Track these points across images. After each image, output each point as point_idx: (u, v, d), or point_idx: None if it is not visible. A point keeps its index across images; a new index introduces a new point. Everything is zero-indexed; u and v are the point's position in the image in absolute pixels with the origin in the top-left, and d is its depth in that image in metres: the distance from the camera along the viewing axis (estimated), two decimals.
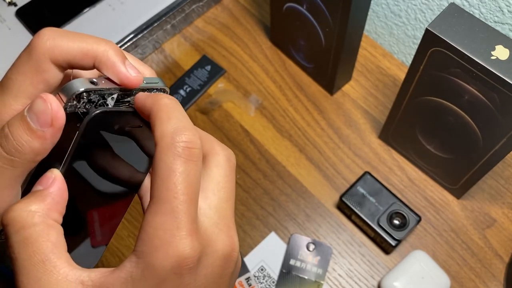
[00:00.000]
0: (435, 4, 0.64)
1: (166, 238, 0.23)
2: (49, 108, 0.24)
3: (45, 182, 0.26)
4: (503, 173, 0.64)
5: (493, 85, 0.44)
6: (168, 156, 0.24)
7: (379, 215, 0.59)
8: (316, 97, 0.71)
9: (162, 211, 0.24)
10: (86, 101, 0.25)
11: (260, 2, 0.79)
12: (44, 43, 0.26)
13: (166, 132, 0.24)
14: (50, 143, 0.24)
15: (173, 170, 0.24)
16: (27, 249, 0.24)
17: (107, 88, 0.26)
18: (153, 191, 0.24)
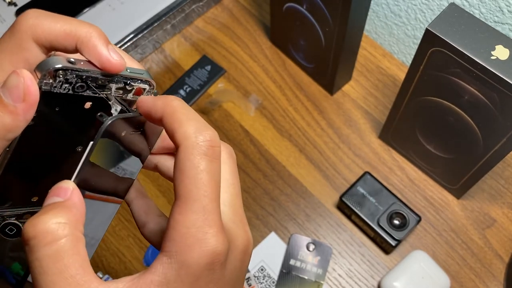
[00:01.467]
0: (435, 4, 0.64)
1: (199, 236, 0.24)
2: (22, 82, 0.23)
3: (63, 194, 0.25)
4: (503, 173, 0.64)
5: (493, 85, 0.44)
6: (195, 156, 0.24)
7: (379, 215, 0.59)
8: (316, 97, 0.71)
9: (193, 209, 0.24)
10: (62, 81, 0.24)
11: (260, 2, 0.79)
12: (27, 21, 0.26)
13: (188, 132, 0.25)
14: (22, 119, 0.23)
15: (201, 169, 0.24)
16: (58, 264, 0.23)
17: (85, 69, 0.25)
18: (180, 190, 0.24)
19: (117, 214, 0.64)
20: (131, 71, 0.28)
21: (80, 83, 0.25)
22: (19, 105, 0.23)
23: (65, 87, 0.25)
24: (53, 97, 0.25)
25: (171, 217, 0.25)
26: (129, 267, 0.61)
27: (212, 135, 0.25)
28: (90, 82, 0.26)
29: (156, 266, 0.24)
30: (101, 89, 0.26)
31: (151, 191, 0.65)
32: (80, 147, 0.29)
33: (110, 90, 0.27)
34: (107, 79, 0.26)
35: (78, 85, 0.25)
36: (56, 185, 0.26)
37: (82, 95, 0.26)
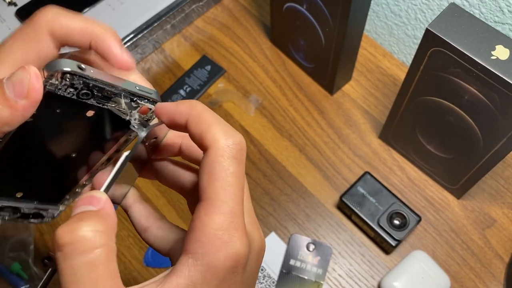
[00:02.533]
0: (435, 4, 0.64)
1: (225, 239, 0.24)
2: (28, 78, 0.23)
3: (96, 203, 0.25)
4: (503, 173, 0.64)
5: (493, 85, 0.44)
6: (225, 159, 0.25)
7: (379, 215, 0.59)
8: (316, 97, 0.71)
9: (221, 211, 0.24)
10: (68, 84, 0.24)
11: (260, 2, 0.79)
12: (46, 15, 0.26)
13: (218, 135, 0.25)
14: (20, 115, 0.23)
15: (230, 172, 0.25)
16: (92, 274, 0.22)
17: (93, 78, 0.24)
18: (208, 191, 0.24)
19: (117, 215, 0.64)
20: (140, 88, 0.27)
21: (86, 91, 0.25)
22: (20, 101, 0.23)
23: (69, 91, 0.25)
24: (56, 99, 0.24)
25: (197, 218, 0.25)
26: (129, 267, 0.61)
27: (240, 139, 0.25)
28: (96, 92, 0.25)
29: (181, 268, 0.24)
30: (105, 100, 0.26)
31: (151, 191, 0.65)
32: (75, 154, 0.29)
33: (115, 103, 0.27)
34: (113, 92, 0.26)
35: (83, 92, 0.25)
36: (88, 193, 0.26)
37: (85, 103, 0.26)
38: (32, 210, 0.30)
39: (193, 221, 0.25)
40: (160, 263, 0.61)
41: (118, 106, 0.27)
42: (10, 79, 0.23)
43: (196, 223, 0.24)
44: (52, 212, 0.32)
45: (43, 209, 0.31)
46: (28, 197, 0.30)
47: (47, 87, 0.23)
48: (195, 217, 0.25)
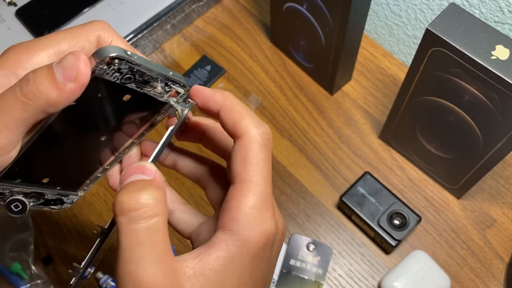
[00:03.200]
0: (435, 4, 0.64)
1: (258, 217, 0.27)
2: (78, 64, 0.24)
3: (148, 173, 0.27)
4: (503, 173, 0.64)
5: (493, 85, 0.44)
6: (257, 146, 0.28)
7: (379, 215, 0.59)
8: (316, 97, 0.71)
9: (255, 193, 0.27)
10: (116, 69, 0.26)
11: (260, 2, 0.79)
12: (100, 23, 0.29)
13: (250, 125, 0.28)
14: (67, 98, 0.24)
15: (262, 157, 0.28)
16: (153, 238, 0.25)
17: (138, 63, 0.26)
18: (243, 175, 0.27)
19: None
20: (173, 73, 0.29)
21: (129, 75, 0.27)
22: (68, 84, 0.24)
23: (115, 76, 0.26)
24: (101, 83, 0.26)
25: (232, 199, 0.27)
26: None
27: (269, 129, 0.29)
28: (137, 76, 0.27)
29: (219, 243, 0.26)
30: (143, 84, 0.28)
31: None
32: (104, 137, 0.31)
33: (151, 87, 0.29)
34: (152, 77, 0.28)
35: (126, 77, 0.27)
36: (139, 164, 0.28)
37: (125, 87, 0.28)
38: (55, 196, 0.32)
39: (227, 201, 0.28)
40: None
41: (153, 90, 0.29)
42: (60, 63, 0.24)
43: (231, 203, 0.27)
44: (72, 198, 0.33)
45: (64, 195, 0.32)
46: (53, 182, 0.31)
47: (96, 72, 0.25)
48: (229, 198, 0.27)
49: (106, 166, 0.34)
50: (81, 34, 0.28)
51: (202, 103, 0.30)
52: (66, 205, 0.33)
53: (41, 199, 0.31)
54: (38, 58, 0.27)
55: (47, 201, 0.32)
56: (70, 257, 0.62)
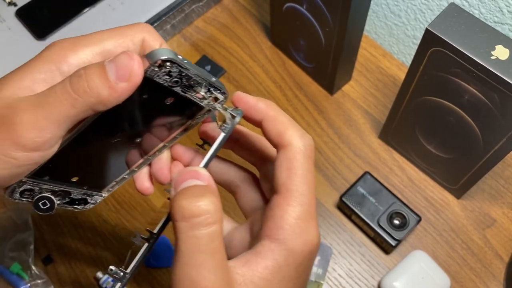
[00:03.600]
0: (435, 4, 0.64)
1: (303, 227, 0.27)
2: (132, 64, 0.24)
3: (202, 178, 0.27)
4: (503, 173, 0.64)
5: (493, 85, 0.44)
6: (302, 156, 0.28)
7: (379, 215, 0.59)
8: (316, 97, 0.71)
9: (299, 202, 0.27)
10: (166, 72, 0.26)
11: (260, 2, 0.79)
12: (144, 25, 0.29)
13: (295, 136, 0.29)
14: (117, 97, 0.24)
15: (307, 168, 0.28)
16: (212, 245, 0.25)
17: (187, 67, 0.27)
18: (289, 185, 0.28)
19: (117, 215, 0.64)
20: (216, 80, 0.30)
21: (177, 79, 0.27)
22: (120, 83, 0.24)
23: (164, 79, 0.27)
24: (148, 85, 0.26)
25: (278, 208, 0.28)
26: None
27: (312, 140, 0.29)
28: (184, 80, 0.28)
29: (265, 252, 0.27)
30: (187, 89, 0.29)
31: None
32: (138, 138, 0.31)
33: (194, 92, 0.29)
34: (197, 82, 0.28)
35: (174, 80, 0.27)
36: (191, 168, 0.28)
37: (171, 90, 0.28)
38: (80, 195, 0.32)
39: (272, 210, 0.28)
40: (160, 263, 0.61)
41: (196, 95, 0.29)
42: (113, 62, 0.24)
43: (277, 212, 0.28)
44: (96, 198, 0.33)
45: (90, 195, 0.32)
46: (81, 182, 0.31)
47: (147, 73, 0.26)
48: (274, 207, 0.28)
49: (134, 168, 0.33)
50: (126, 34, 0.28)
51: (245, 111, 0.30)
52: (89, 205, 0.33)
53: (67, 198, 0.31)
54: (83, 55, 0.27)
55: (72, 200, 0.32)
56: (70, 257, 0.62)
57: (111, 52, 0.27)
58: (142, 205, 0.65)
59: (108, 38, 0.28)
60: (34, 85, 0.25)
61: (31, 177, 0.27)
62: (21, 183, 0.27)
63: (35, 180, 0.28)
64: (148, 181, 0.34)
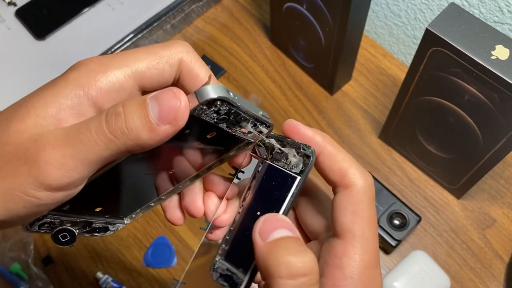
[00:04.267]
0: (435, 4, 0.64)
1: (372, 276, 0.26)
2: (178, 105, 0.22)
3: (291, 228, 0.25)
4: (503, 173, 0.64)
5: (493, 85, 0.44)
6: (367, 199, 0.27)
7: (379, 215, 0.59)
8: (316, 97, 0.71)
9: (367, 250, 0.26)
10: (215, 110, 0.24)
11: (260, 2, 0.79)
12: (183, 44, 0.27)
13: (358, 175, 0.27)
14: (158, 140, 0.22)
15: (372, 211, 0.27)
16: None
17: (238, 106, 0.24)
18: (354, 230, 0.26)
19: None
20: (263, 114, 0.28)
21: (225, 116, 0.25)
22: (163, 126, 0.22)
23: (212, 117, 0.24)
24: (194, 122, 0.24)
25: (345, 256, 0.26)
26: (129, 267, 0.61)
27: (372, 179, 0.28)
28: (231, 117, 0.25)
29: None
30: (233, 125, 0.26)
31: None
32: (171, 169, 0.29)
33: (240, 127, 0.27)
34: (245, 118, 0.26)
35: (221, 117, 0.25)
36: (278, 216, 0.26)
37: (217, 126, 0.25)
38: (102, 224, 0.30)
39: (338, 258, 0.26)
40: (160, 263, 0.61)
41: (241, 130, 0.27)
42: (156, 99, 0.22)
43: (344, 260, 0.26)
44: (117, 226, 0.31)
45: (112, 223, 0.30)
46: (105, 211, 0.29)
47: (195, 112, 0.23)
48: (341, 254, 0.26)
49: (162, 196, 0.31)
50: (162, 55, 0.25)
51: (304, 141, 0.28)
52: (110, 232, 0.31)
53: (88, 227, 0.29)
54: (114, 78, 0.24)
55: (93, 229, 0.29)
56: (70, 257, 0.62)
57: (144, 75, 0.25)
58: None
59: (141, 58, 0.25)
60: (60, 112, 0.23)
61: (53, 211, 0.25)
62: (42, 217, 0.25)
63: (57, 213, 0.26)
64: (179, 211, 0.32)
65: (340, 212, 0.27)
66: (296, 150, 0.28)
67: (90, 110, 0.24)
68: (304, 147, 0.28)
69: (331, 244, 0.27)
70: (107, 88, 0.24)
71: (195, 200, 0.31)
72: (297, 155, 0.28)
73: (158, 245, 0.62)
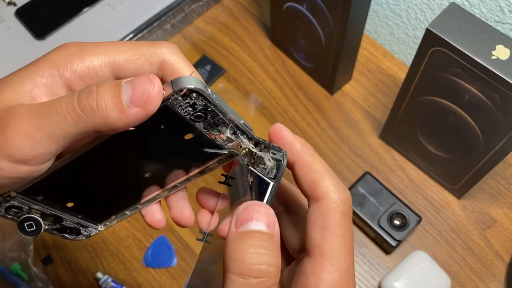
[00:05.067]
0: (436, 3, 0.64)
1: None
2: (150, 90, 0.22)
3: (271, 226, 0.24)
4: (503, 173, 0.64)
5: (494, 85, 0.44)
6: (339, 213, 0.24)
7: (379, 215, 0.59)
8: (316, 97, 0.71)
9: (337, 269, 0.24)
10: (190, 103, 0.23)
11: (260, 2, 0.79)
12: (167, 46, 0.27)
13: (332, 187, 0.25)
14: (127, 122, 0.22)
15: (345, 227, 0.24)
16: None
17: (214, 102, 0.24)
18: (323, 247, 0.24)
19: None
20: (244, 123, 0.27)
21: (201, 113, 0.24)
22: (133, 108, 0.22)
23: (187, 111, 0.24)
24: (167, 115, 0.24)
25: (312, 275, 0.24)
26: (129, 267, 0.61)
27: (349, 194, 0.25)
28: (209, 116, 0.25)
29: None
30: (211, 127, 0.25)
31: None
32: (148, 174, 0.28)
33: (218, 132, 0.26)
34: (223, 121, 0.25)
35: (197, 114, 0.24)
36: (259, 206, 0.25)
37: (191, 125, 0.25)
38: (73, 224, 0.29)
39: (305, 276, 0.24)
40: (159, 263, 0.61)
41: (219, 136, 0.26)
42: (130, 83, 0.22)
43: (311, 279, 0.24)
44: (90, 230, 0.30)
45: (84, 225, 0.30)
46: (77, 209, 0.28)
47: (169, 101, 0.23)
48: (308, 272, 0.24)
49: (139, 205, 0.31)
50: (144, 52, 0.25)
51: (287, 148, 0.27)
52: (81, 237, 0.30)
53: (58, 224, 0.28)
54: (90, 64, 0.24)
55: (63, 228, 0.29)
56: (70, 257, 0.62)
57: (122, 67, 0.25)
58: None
59: (122, 51, 0.25)
60: (34, 89, 0.24)
61: (21, 193, 0.25)
62: (9, 197, 0.25)
63: (25, 198, 0.25)
64: (160, 213, 0.31)
65: (310, 226, 0.25)
66: (270, 154, 0.27)
67: (62, 90, 0.24)
68: (275, 150, 0.27)
69: (301, 261, 0.26)
70: (82, 72, 0.24)
71: (184, 211, 0.30)
72: (271, 159, 0.27)
73: (158, 245, 0.62)
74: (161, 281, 0.60)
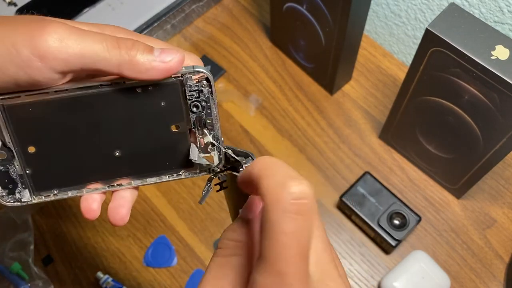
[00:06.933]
0: (435, 4, 0.64)
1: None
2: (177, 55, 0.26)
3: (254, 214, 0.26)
4: (503, 173, 0.64)
5: (493, 85, 0.44)
6: (274, 214, 0.21)
7: (379, 215, 0.59)
8: (316, 97, 0.71)
9: (268, 272, 0.22)
10: (198, 89, 0.27)
11: (260, 2, 0.79)
12: None
13: (271, 186, 0.22)
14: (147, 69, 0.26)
15: (281, 230, 0.21)
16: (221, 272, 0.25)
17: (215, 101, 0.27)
18: (262, 249, 0.22)
19: None
20: (229, 147, 0.30)
21: (200, 103, 0.28)
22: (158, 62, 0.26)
23: (192, 95, 0.27)
24: (172, 92, 0.27)
25: (251, 277, 0.23)
26: (129, 267, 0.61)
27: (299, 187, 0.21)
28: (204, 112, 0.28)
29: None
30: (199, 124, 0.28)
31: (151, 191, 0.65)
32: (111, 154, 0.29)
33: (202, 134, 0.29)
34: (210, 125, 0.28)
35: (195, 103, 0.28)
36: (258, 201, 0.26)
37: (186, 114, 0.28)
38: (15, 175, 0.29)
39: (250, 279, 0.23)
40: (160, 263, 0.61)
41: (203, 138, 0.29)
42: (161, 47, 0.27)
43: (250, 279, 0.23)
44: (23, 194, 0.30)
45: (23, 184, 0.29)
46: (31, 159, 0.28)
47: (185, 76, 0.27)
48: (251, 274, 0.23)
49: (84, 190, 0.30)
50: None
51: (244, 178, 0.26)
52: (11, 198, 0.29)
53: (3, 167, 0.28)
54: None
55: (4, 174, 0.28)
56: (70, 257, 0.62)
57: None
58: (142, 205, 0.65)
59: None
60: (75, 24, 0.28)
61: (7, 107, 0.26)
62: None
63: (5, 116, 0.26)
64: (97, 204, 0.31)
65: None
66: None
67: None
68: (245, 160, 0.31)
69: None
70: None
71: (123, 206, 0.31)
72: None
73: (158, 245, 0.62)
74: (161, 281, 0.60)
